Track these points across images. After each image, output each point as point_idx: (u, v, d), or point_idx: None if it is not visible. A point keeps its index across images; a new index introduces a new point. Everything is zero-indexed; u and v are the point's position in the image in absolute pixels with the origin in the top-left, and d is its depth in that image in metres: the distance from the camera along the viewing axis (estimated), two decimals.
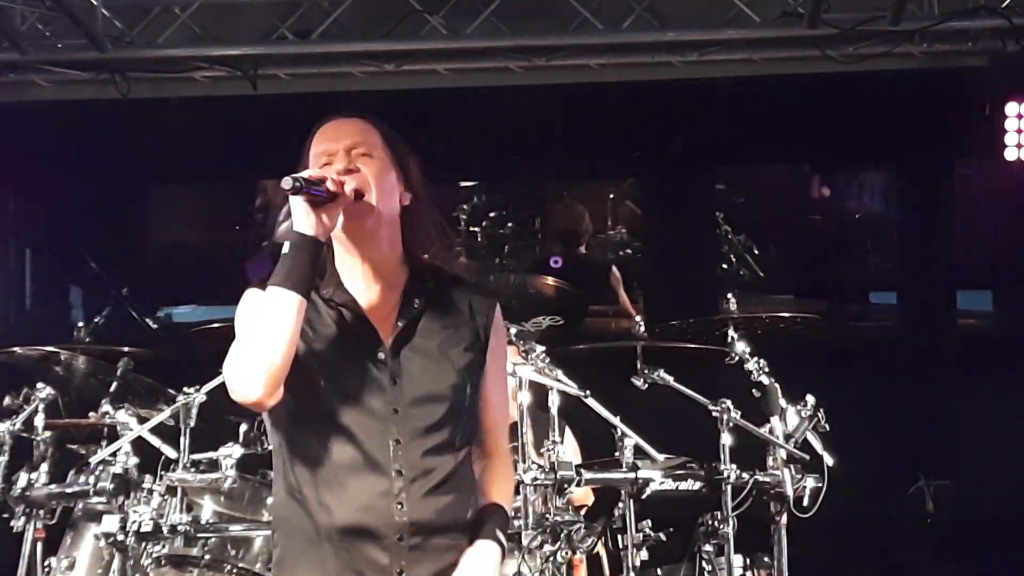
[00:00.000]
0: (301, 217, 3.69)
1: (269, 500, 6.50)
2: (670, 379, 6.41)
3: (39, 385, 6.80)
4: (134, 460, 6.50)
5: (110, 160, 10.00)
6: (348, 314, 3.88)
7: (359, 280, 3.92)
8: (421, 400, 3.85)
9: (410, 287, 3.96)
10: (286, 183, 3.63)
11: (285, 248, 3.72)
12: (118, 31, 8.94)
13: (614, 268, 8.16)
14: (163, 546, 6.24)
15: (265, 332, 3.66)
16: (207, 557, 6.17)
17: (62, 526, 6.64)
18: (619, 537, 6.29)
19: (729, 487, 6.22)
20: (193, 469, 6.42)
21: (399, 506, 3.76)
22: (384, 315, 3.91)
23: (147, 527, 6.26)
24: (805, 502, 6.21)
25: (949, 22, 8.63)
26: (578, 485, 6.17)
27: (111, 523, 6.31)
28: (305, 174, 3.69)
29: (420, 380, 3.87)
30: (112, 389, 6.97)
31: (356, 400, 3.81)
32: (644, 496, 6.23)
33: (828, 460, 6.24)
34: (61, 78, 9.33)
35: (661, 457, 6.33)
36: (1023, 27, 8.51)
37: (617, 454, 6.26)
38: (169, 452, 6.51)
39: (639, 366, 6.55)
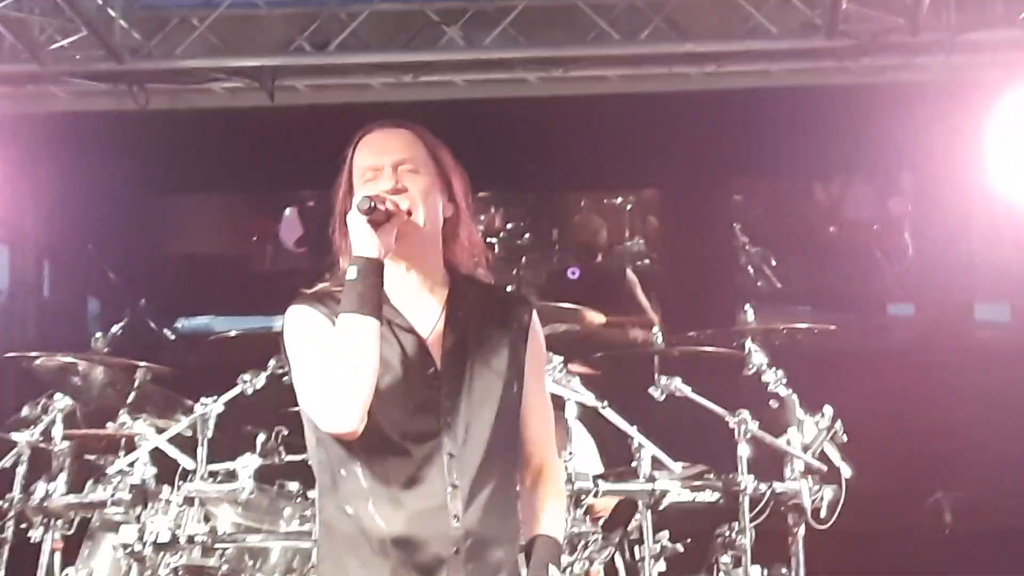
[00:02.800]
0: (364, 240, 3.69)
1: (287, 511, 6.53)
2: (687, 389, 6.42)
3: (57, 395, 6.83)
4: (152, 471, 6.53)
5: (128, 171, 10.03)
6: (399, 331, 3.86)
7: (403, 295, 3.90)
8: (472, 413, 3.84)
9: (453, 301, 3.95)
10: (362, 202, 3.65)
11: (351, 274, 3.70)
12: (136, 42, 8.97)
13: (629, 272, 8.15)
14: (180, 557, 6.25)
15: (353, 363, 3.66)
16: (224, 568, 6.20)
17: (80, 536, 6.67)
18: (636, 548, 6.30)
19: (747, 498, 6.23)
20: (210, 480, 6.44)
21: (455, 519, 3.75)
22: (430, 329, 3.90)
23: (164, 538, 6.28)
24: (823, 513, 6.21)
25: (967, 33, 8.62)
26: (595, 496, 6.19)
27: (129, 534, 6.33)
28: (368, 197, 3.69)
29: (470, 393, 3.85)
30: (130, 400, 7.00)
31: (409, 416, 3.80)
32: (661, 507, 6.24)
33: (846, 471, 6.25)
34: (79, 89, 9.35)
35: (678, 468, 6.33)
36: None
37: (634, 464, 6.27)
38: (187, 463, 6.52)
39: (656, 376, 6.55)
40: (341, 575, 3.84)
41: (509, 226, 12.04)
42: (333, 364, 3.67)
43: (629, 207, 11.99)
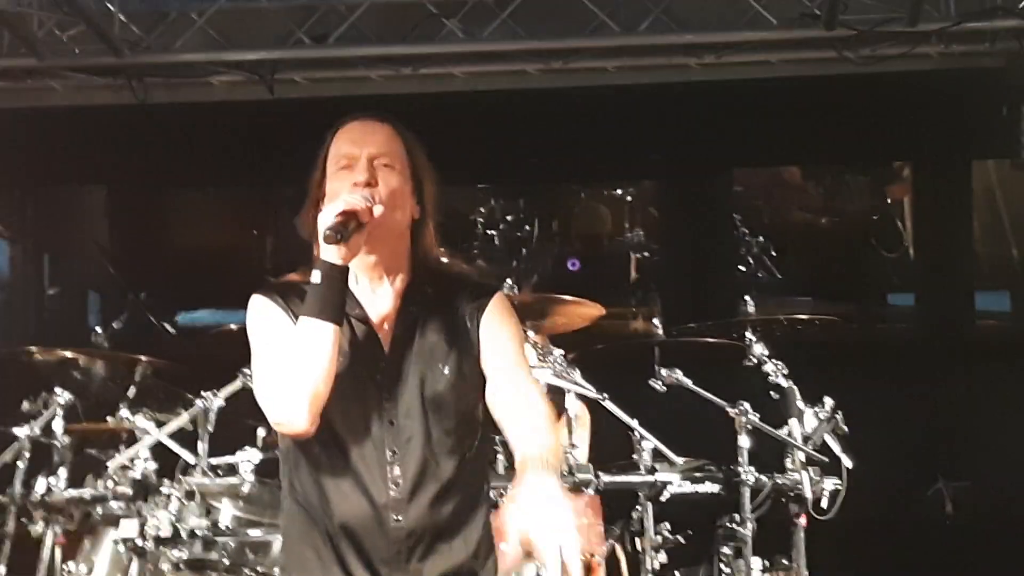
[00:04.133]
0: (331, 247, 3.63)
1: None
2: (688, 381, 6.41)
3: (57, 390, 6.83)
4: (152, 465, 6.52)
5: (127, 165, 10.02)
6: (355, 324, 3.83)
7: (363, 288, 3.89)
8: (417, 409, 3.79)
9: (408, 294, 3.91)
10: (328, 239, 3.60)
11: (315, 278, 3.66)
12: (135, 36, 8.96)
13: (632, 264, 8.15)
14: (182, 550, 6.25)
15: (308, 365, 3.63)
16: (226, 561, 6.18)
17: (81, 531, 6.66)
18: (637, 540, 6.30)
19: (747, 489, 6.23)
20: (211, 473, 6.43)
21: (396, 518, 3.73)
22: (382, 320, 3.87)
23: (166, 532, 6.28)
24: (824, 504, 6.21)
25: (966, 23, 8.61)
26: (595, 489, 6.18)
27: (130, 528, 6.33)
28: (337, 214, 3.62)
29: (416, 388, 3.80)
30: (130, 394, 7.00)
31: (355, 410, 3.77)
32: (662, 499, 6.24)
33: (846, 462, 6.24)
34: (78, 83, 9.36)
35: (679, 460, 6.33)
36: None
37: (635, 457, 6.27)
38: (187, 456, 6.53)
39: (657, 368, 6.55)
40: (297, 564, 3.85)
41: (509, 218, 12.04)
42: (288, 365, 3.66)
43: (629, 198, 11.98)
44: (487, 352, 3.88)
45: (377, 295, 3.89)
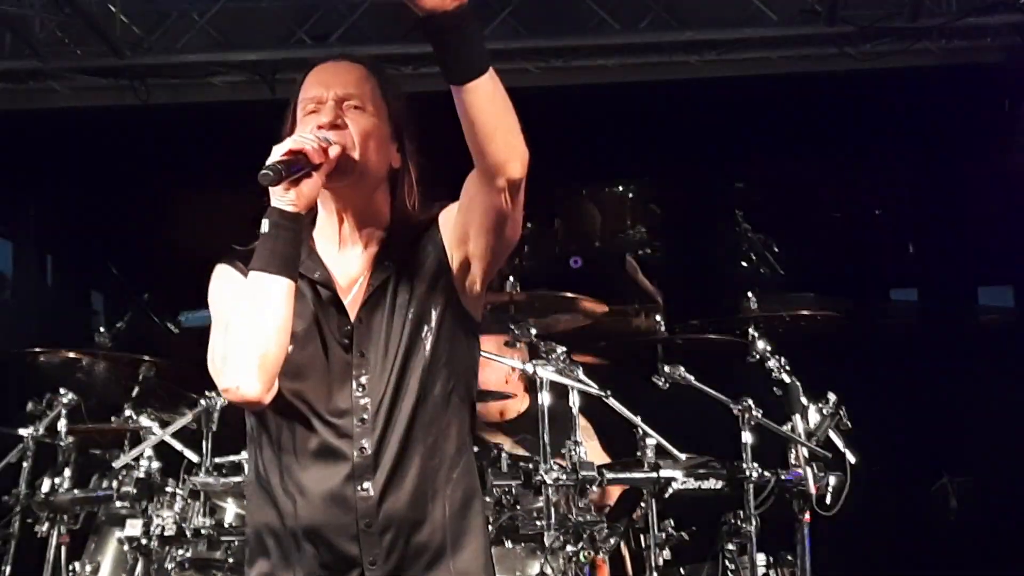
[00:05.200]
0: (279, 191, 3.38)
1: None
2: (691, 378, 6.41)
3: (61, 390, 6.84)
4: (157, 464, 6.53)
5: (130, 166, 10.02)
6: (318, 283, 3.57)
7: (334, 244, 3.64)
8: (389, 373, 3.48)
9: (384, 250, 3.62)
10: (264, 178, 3.33)
11: (264, 226, 3.41)
12: (136, 37, 8.98)
13: (629, 257, 8.17)
14: (187, 550, 6.26)
15: (257, 324, 3.36)
16: (230, 560, 6.18)
17: (86, 531, 6.68)
18: (642, 537, 6.30)
19: (751, 486, 6.22)
20: (216, 473, 6.43)
21: (363, 488, 3.44)
22: (353, 278, 3.61)
23: (170, 531, 6.29)
24: (828, 500, 6.20)
25: (967, 18, 8.63)
26: (599, 486, 6.19)
27: (135, 527, 6.34)
28: (282, 154, 3.37)
29: (388, 351, 3.50)
30: (134, 394, 7.00)
31: (321, 381, 3.49)
32: (666, 495, 6.24)
33: (850, 458, 6.24)
34: (80, 85, 9.38)
35: (683, 456, 6.33)
36: None
37: (639, 454, 6.27)
38: (192, 456, 6.53)
39: (659, 365, 6.55)
40: (259, 551, 3.59)
41: None
42: (236, 325, 3.39)
43: (630, 195, 11.96)
44: (451, 247, 3.58)
45: (347, 255, 3.63)
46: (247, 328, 3.37)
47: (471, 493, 3.64)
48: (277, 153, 3.39)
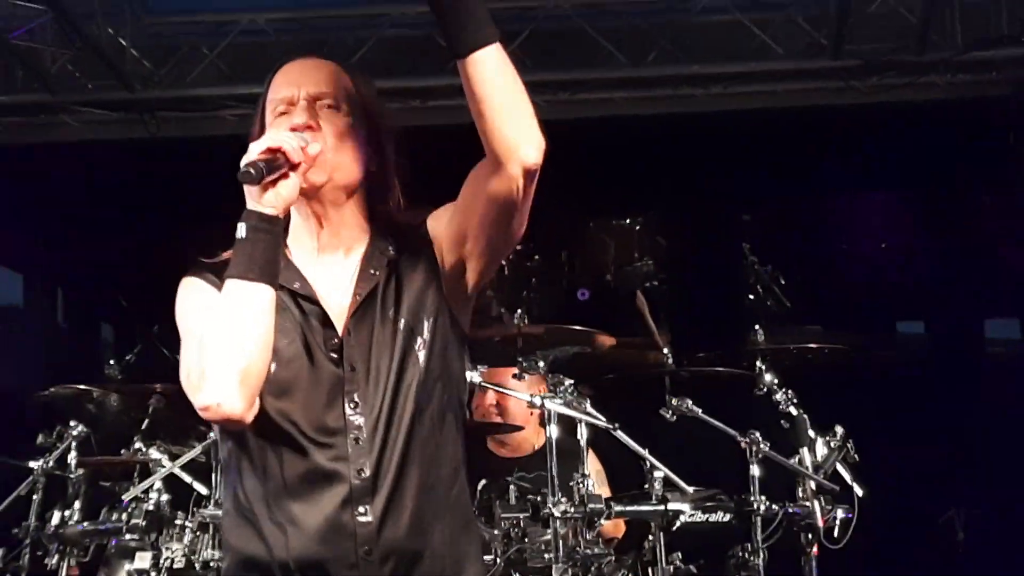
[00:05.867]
0: (255, 193, 3.16)
1: None
2: (698, 411, 6.41)
3: (71, 423, 6.86)
4: (166, 497, 6.53)
5: (140, 198, 10.04)
6: (298, 295, 3.33)
7: (312, 253, 3.41)
8: (384, 388, 3.25)
9: (368, 257, 3.38)
10: (244, 176, 3.13)
11: (240, 231, 3.16)
12: (147, 71, 9.02)
13: (639, 293, 8.16)
14: None
15: (237, 335, 3.10)
16: None
17: (96, 563, 6.67)
18: (649, 570, 6.29)
19: (759, 519, 6.22)
20: None
21: (362, 513, 3.18)
22: (339, 294, 3.35)
23: (180, 564, 6.29)
24: (836, 533, 6.20)
25: (972, 52, 8.65)
26: (607, 518, 6.19)
27: (144, 560, 6.34)
28: (259, 152, 3.15)
29: (381, 365, 3.27)
30: (144, 426, 7.00)
31: (308, 398, 3.23)
32: (674, 528, 6.23)
33: (858, 491, 6.24)
34: (91, 118, 9.41)
35: (690, 489, 6.32)
36: None
37: (646, 486, 6.27)
38: (201, 489, 6.53)
39: (667, 397, 6.54)
40: None
41: (518, 247, 12.02)
42: (213, 337, 3.11)
43: (637, 228, 11.97)
44: (452, 225, 3.38)
45: (327, 264, 3.39)
46: (226, 340, 3.09)
47: (468, 516, 3.49)
48: (254, 152, 3.16)
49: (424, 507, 3.27)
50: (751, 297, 9.24)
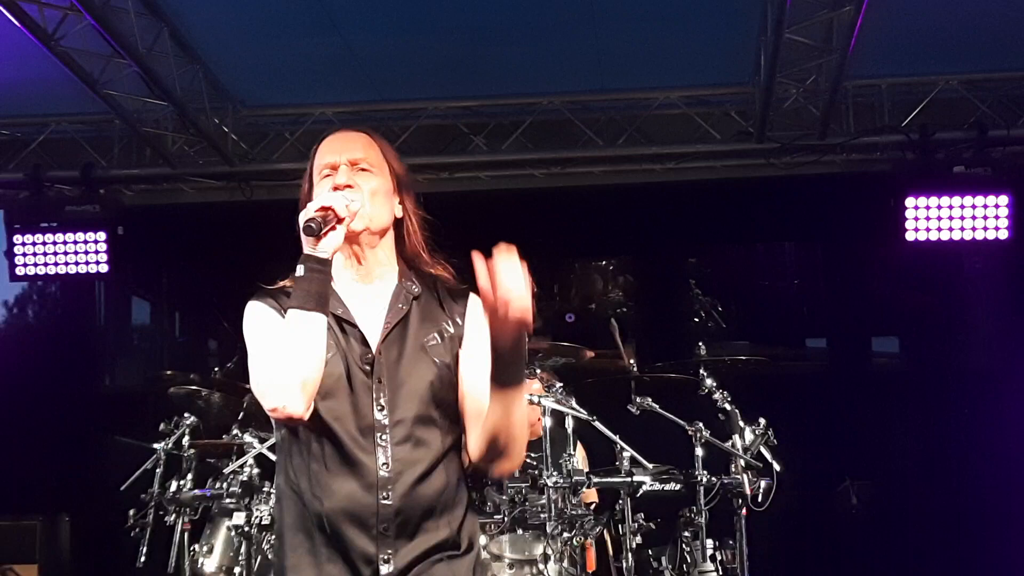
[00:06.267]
0: (310, 241, 3.15)
1: None
2: (656, 406, 6.42)
3: (185, 414, 6.89)
4: (256, 470, 6.55)
5: (236, 245, 10.04)
6: (341, 320, 3.28)
7: (351, 284, 3.36)
8: (404, 398, 3.23)
9: (398, 290, 3.35)
10: (308, 230, 3.12)
11: (299, 271, 3.14)
12: (243, 151, 9.04)
13: (612, 320, 8.17)
14: None
15: (300, 354, 3.09)
16: None
17: (203, 521, 6.68)
18: (619, 526, 6.30)
19: (702, 488, 6.23)
20: None
21: (384, 497, 3.16)
22: (373, 318, 3.31)
23: (266, 521, 6.30)
24: (759, 499, 6.20)
25: (862, 137, 8.66)
26: (588, 487, 6.19)
27: (239, 518, 6.36)
28: (316, 210, 3.15)
29: (403, 379, 3.25)
30: (240, 417, 7.02)
31: (346, 401, 3.21)
32: (638, 494, 6.24)
33: (776, 466, 6.24)
34: (201, 186, 9.42)
35: (650, 465, 6.33)
36: (917, 141, 8.55)
37: (617, 463, 6.27)
38: (276, 458, 6.52)
39: (633, 396, 6.55)
40: (288, 548, 3.27)
41: None
42: (279, 355, 3.10)
43: (611, 268, 11.96)
44: (467, 343, 3.35)
45: (367, 294, 3.35)
46: (290, 357, 3.08)
47: (469, 507, 3.38)
48: (311, 209, 3.15)
49: (436, 497, 3.25)
50: (695, 320, 9.27)
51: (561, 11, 7.54)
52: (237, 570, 6.43)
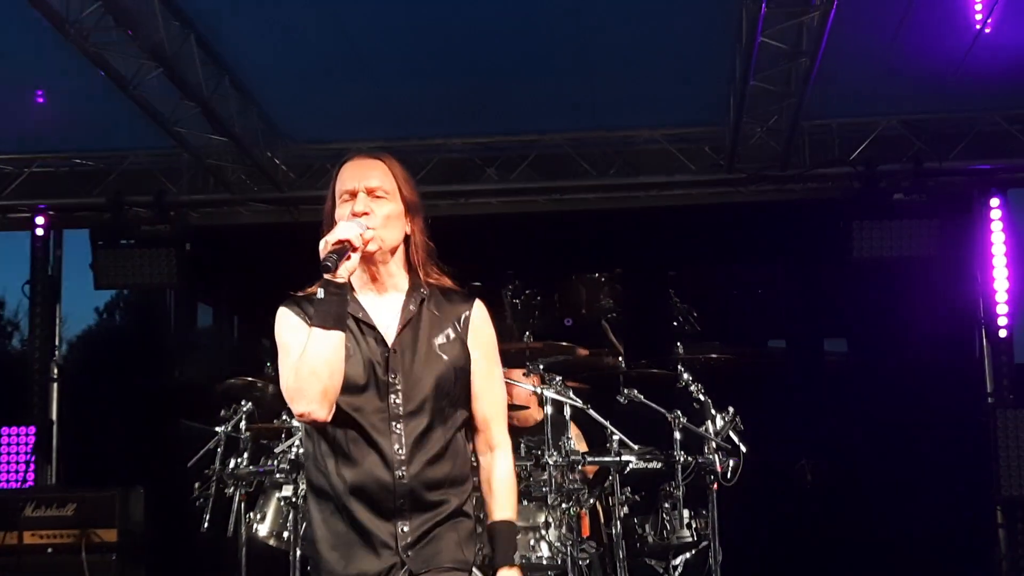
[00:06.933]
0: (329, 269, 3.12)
1: None
2: (641, 397, 6.40)
3: (242, 402, 6.87)
4: (302, 450, 6.52)
5: (286, 260, 9.99)
6: (361, 321, 3.25)
7: (369, 291, 3.32)
8: (417, 391, 3.20)
9: (409, 296, 3.31)
10: (325, 269, 3.09)
11: (320, 294, 3.10)
12: (291, 179, 9.07)
13: (604, 324, 8.17)
14: None
15: (321, 368, 3.05)
16: None
17: (257, 493, 6.67)
18: (609, 498, 6.27)
19: (679, 466, 6.21)
20: None
21: (400, 477, 3.14)
22: (388, 320, 3.27)
23: None
24: (729, 475, 6.18)
25: (817, 169, 8.69)
26: (583, 466, 6.17)
27: (288, 490, 6.35)
28: (333, 243, 3.10)
29: (416, 374, 3.21)
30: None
31: (365, 392, 3.17)
32: (625, 472, 6.22)
33: (743, 448, 6.22)
34: (256, 209, 9.46)
35: (636, 447, 6.31)
36: (863, 172, 8.57)
37: (608, 445, 6.26)
38: (303, 444, 6.50)
39: (621, 388, 6.54)
40: (318, 520, 3.24)
41: (526, 292, 11.96)
42: (304, 367, 3.07)
43: (603, 280, 11.92)
44: (471, 344, 3.33)
45: (382, 300, 3.31)
46: (313, 369, 3.06)
47: (472, 488, 3.35)
48: (330, 241, 3.11)
49: (445, 477, 3.22)
50: (674, 324, 9.24)
51: (561, 62, 7.59)
52: (285, 534, 6.41)
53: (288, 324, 3.25)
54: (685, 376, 6.58)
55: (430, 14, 6.94)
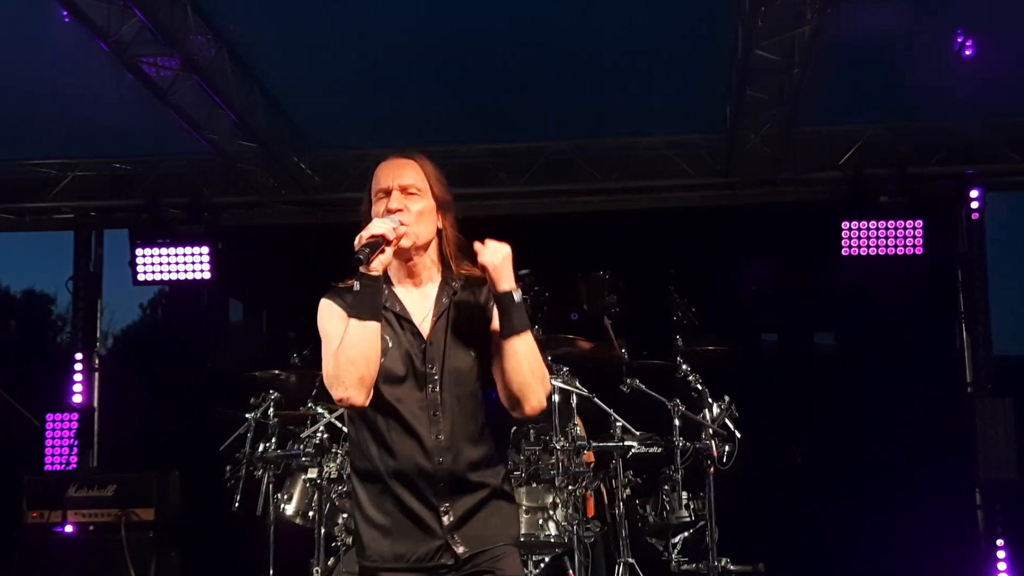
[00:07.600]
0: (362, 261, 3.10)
1: None
2: (643, 386, 6.42)
3: (271, 391, 6.88)
4: (326, 435, 6.56)
5: (311, 258, 10.04)
6: (399, 316, 3.24)
7: (405, 282, 3.30)
8: (452, 377, 3.18)
9: (442, 288, 3.29)
10: (356, 261, 3.07)
11: (356, 286, 3.08)
12: (316, 183, 9.08)
13: (606, 319, 8.17)
14: (345, 487, 6.27)
15: (360, 355, 3.04)
16: None
17: (284, 475, 6.70)
18: (612, 481, 6.29)
19: (678, 451, 6.23)
20: None
21: (440, 461, 3.13)
22: (422, 312, 3.25)
23: (334, 475, 6.31)
24: (724, 459, 6.20)
25: (808, 173, 8.67)
26: (588, 450, 6.18)
27: (313, 473, 6.38)
28: (368, 237, 3.09)
29: (451, 362, 3.19)
30: (314, 393, 7.03)
31: (405, 381, 3.16)
32: (628, 456, 6.24)
33: (738, 434, 6.24)
34: (283, 211, 9.46)
35: (638, 433, 6.33)
36: (851, 177, 8.55)
37: (611, 431, 6.27)
38: (347, 430, 6.52)
39: (624, 378, 6.55)
40: (365, 500, 3.21)
41: (536, 289, 11.93)
42: (343, 355, 3.05)
43: (607, 277, 11.89)
44: (494, 322, 3.24)
45: (416, 293, 3.28)
46: (352, 357, 3.04)
47: (504, 469, 3.33)
48: (364, 236, 3.09)
49: (480, 461, 3.21)
50: (674, 318, 9.23)
51: (567, 75, 7.59)
52: (311, 514, 6.44)
53: (329, 314, 3.22)
54: (684, 367, 6.60)
55: (446, 32, 6.97)
